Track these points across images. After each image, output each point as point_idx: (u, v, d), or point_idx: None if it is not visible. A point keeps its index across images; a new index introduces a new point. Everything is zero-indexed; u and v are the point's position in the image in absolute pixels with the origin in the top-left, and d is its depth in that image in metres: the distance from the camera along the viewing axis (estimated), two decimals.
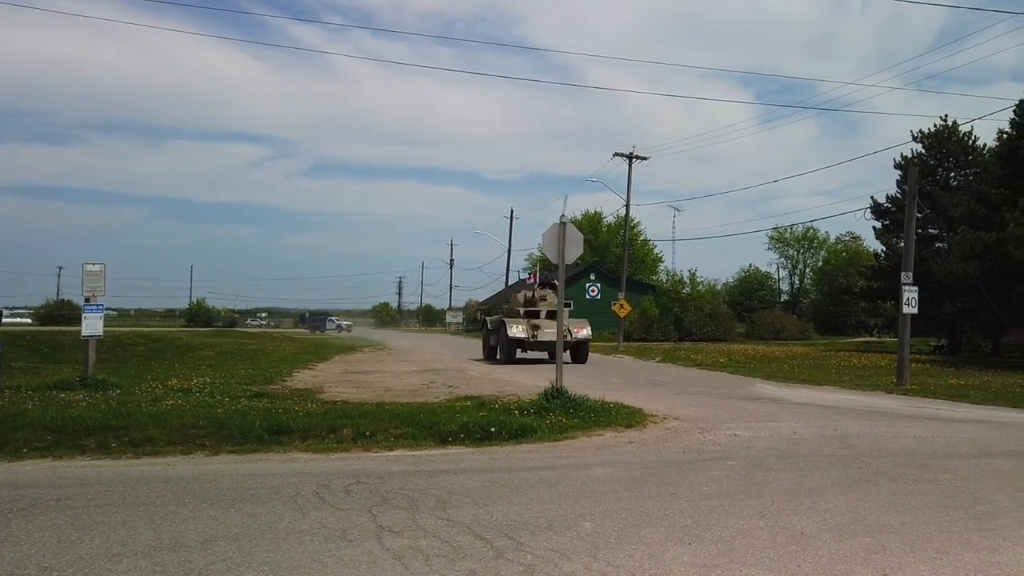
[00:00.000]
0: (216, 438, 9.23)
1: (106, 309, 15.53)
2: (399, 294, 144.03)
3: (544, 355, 27.70)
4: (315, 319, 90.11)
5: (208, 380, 15.89)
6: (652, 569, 4.72)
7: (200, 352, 30.76)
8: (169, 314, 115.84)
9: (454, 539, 5.26)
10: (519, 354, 27.11)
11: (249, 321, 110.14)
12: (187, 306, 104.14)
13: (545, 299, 28.00)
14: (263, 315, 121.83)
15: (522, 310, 27.26)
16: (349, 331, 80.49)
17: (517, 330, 25.99)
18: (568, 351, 25.52)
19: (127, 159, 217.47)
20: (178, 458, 8.51)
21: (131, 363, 24.43)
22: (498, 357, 27.22)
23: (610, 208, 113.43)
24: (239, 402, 11.99)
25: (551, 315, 26.27)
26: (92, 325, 14.54)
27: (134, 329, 52.47)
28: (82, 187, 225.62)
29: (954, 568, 4.84)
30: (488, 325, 29.27)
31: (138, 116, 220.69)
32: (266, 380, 16.77)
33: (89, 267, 14.58)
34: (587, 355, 27.46)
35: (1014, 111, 36.79)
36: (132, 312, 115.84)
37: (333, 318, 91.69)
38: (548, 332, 25.23)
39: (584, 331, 27.10)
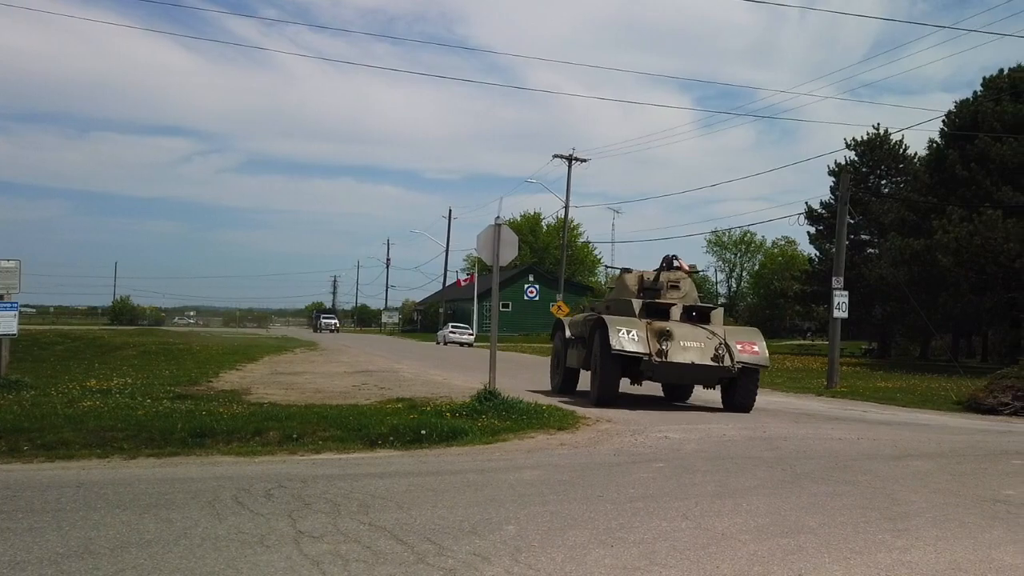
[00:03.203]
0: (135, 441, 8.93)
1: (23, 307, 14.98)
2: (333, 293, 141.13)
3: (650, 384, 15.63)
4: (316, 318, 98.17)
5: (130, 381, 15.43)
6: (573, 572, 4.69)
7: (122, 352, 29.78)
8: (91, 312, 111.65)
9: (375, 544, 5.16)
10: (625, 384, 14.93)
11: (176, 319, 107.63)
12: (110, 304, 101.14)
13: (678, 286, 15.87)
14: (191, 313, 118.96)
15: (638, 303, 15.12)
16: (336, 331, 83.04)
17: (628, 339, 13.80)
18: (718, 384, 14.74)
19: (49, 151, 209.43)
20: (93, 462, 8.22)
21: (48, 363, 23.63)
22: (592, 390, 15.03)
23: (550, 209, 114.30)
24: (161, 404, 11.64)
25: (690, 315, 15.14)
26: (5, 323, 14.02)
27: (53, 327, 50.69)
28: (0, 179, 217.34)
29: (867, 568, 4.93)
30: (566, 331, 16.83)
31: (62, 107, 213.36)
32: (191, 381, 16.34)
33: (3, 263, 14.09)
34: (755, 397, 14.72)
35: (943, 121, 38.19)
36: (52, 310, 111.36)
37: (324, 317, 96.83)
38: (689, 346, 14.03)
39: (754, 350, 14.42)
